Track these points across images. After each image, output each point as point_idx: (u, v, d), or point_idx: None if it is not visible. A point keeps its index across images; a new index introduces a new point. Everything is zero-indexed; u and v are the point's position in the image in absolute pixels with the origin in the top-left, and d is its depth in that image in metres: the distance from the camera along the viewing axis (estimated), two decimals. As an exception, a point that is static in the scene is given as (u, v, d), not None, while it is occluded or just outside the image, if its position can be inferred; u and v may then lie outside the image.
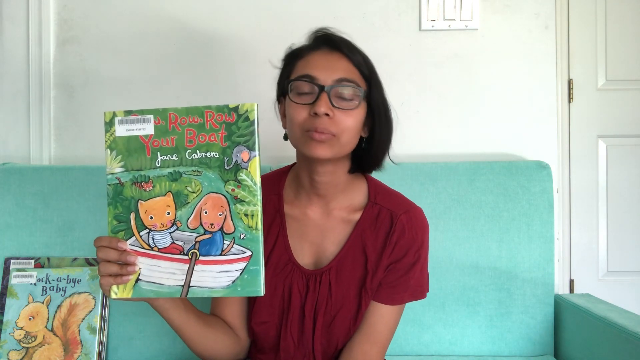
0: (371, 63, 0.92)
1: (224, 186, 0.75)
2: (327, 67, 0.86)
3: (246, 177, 0.74)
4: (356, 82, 0.87)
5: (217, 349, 0.94)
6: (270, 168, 1.34)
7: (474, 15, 1.50)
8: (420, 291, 0.96)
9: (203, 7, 1.53)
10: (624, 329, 1.08)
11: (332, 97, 0.85)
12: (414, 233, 0.94)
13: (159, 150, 0.75)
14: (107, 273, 0.76)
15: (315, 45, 0.91)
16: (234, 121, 0.75)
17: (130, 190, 0.75)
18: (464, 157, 1.50)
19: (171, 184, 0.76)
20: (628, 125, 1.64)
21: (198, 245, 0.75)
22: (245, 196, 0.75)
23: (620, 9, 1.63)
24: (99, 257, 0.76)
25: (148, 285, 0.76)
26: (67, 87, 1.55)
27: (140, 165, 0.76)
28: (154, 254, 0.76)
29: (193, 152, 0.75)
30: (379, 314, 0.93)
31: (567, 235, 1.63)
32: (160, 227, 0.76)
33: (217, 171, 0.75)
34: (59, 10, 1.54)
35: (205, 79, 1.53)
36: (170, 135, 0.75)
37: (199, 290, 0.75)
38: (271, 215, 0.97)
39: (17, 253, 1.31)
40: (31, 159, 1.53)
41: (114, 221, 0.76)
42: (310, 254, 0.95)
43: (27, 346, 1.21)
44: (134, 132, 0.75)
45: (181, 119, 0.75)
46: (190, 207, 0.75)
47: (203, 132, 0.75)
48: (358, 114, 0.87)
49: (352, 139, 0.88)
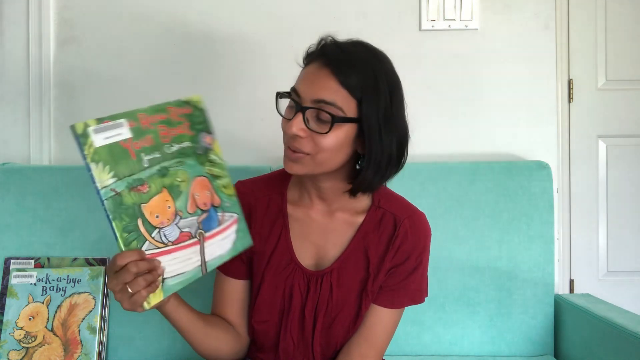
0: (375, 79, 0.82)
1: (203, 169, 0.84)
2: (311, 85, 0.82)
3: (215, 157, 0.86)
4: (336, 104, 0.81)
5: (220, 348, 0.94)
6: (270, 168, 1.34)
7: (474, 15, 1.50)
8: (420, 296, 0.96)
9: (203, 7, 1.53)
10: (624, 329, 1.08)
11: (308, 117, 0.82)
12: (417, 238, 0.93)
13: (142, 152, 0.75)
14: (143, 286, 0.72)
15: (315, 56, 0.86)
16: (191, 112, 0.83)
17: (129, 197, 0.73)
18: (464, 157, 1.50)
19: (162, 179, 0.77)
20: (628, 125, 1.64)
21: (201, 225, 0.82)
22: (219, 172, 0.86)
23: (620, 9, 1.63)
24: (132, 273, 0.71)
25: (173, 279, 0.77)
26: (67, 87, 1.54)
27: (130, 170, 0.73)
28: (170, 248, 0.77)
29: (170, 146, 0.79)
30: (378, 317, 0.93)
31: (567, 235, 1.63)
32: (167, 222, 0.77)
33: (194, 158, 0.82)
34: (59, 10, 1.54)
35: (205, 79, 1.53)
36: (146, 134, 0.76)
37: (213, 262, 0.83)
38: (274, 215, 0.97)
39: (17, 253, 1.31)
40: (31, 159, 1.53)
41: (124, 234, 0.72)
42: (312, 255, 0.95)
43: (27, 346, 1.21)
44: (113, 138, 0.72)
45: (150, 117, 0.77)
46: (184, 195, 0.80)
47: (172, 127, 0.80)
48: (336, 135, 0.82)
49: (331, 157, 0.84)
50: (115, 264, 0.71)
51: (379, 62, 0.85)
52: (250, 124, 1.52)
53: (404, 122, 0.88)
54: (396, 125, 0.85)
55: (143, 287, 0.72)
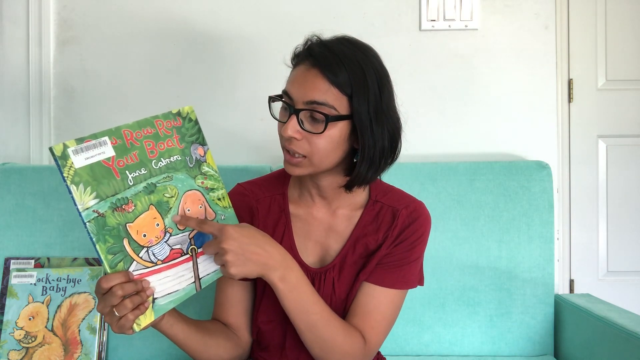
0: (364, 75, 0.83)
1: (194, 182, 0.81)
2: (302, 86, 0.83)
3: (208, 169, 0.84)
4: (328, 104, 0.82)
5: (220, 355, 0.93)
6: (270, 168, 1.34)
7: (474, 15, 1.50)
8: (412, 279, 0.95)
9: (203, 7, 1.53)
10: (624, 329, 1.08)
11: (302, 118, 0.83)
12: (416, 223, 0.94)
13: (126, 169, 0.73)
14: (130, 309, 0.70)
15: (302, 57, 0.87)
16: (181, 124, 0.81)
17: (113, 218, 0.71)
18: (464, 157, 1.50)
19: (149, 197, 0.75)
20: (628, 125, 1.64)
21: (193, 240, 0.80)
22: (213, 184, 0.84)
23: (620, 9, 1.63)
24: (118, 296, 0.69)
25: (164, 299, 0.76)
26: (67, 87, 1.55)
27: (114, 190, 0.72)
28: (159, 267, 0.76)
29: (158, 161, 0.77)
30: (370, 295, 0.92)
31: (567, 235, 1.63)
32: (156, 240, 0.76)
33: (184, 171, 0.80)
34: (59, 10, 1.54)
35: (204, 79, 1.53)
36: (131, 151, 0.74)
37: (208, 277, 0.82)
38: (276, 215, 0.97)
39: (17, 253, 1.31)
40: (31, 159, 1.53)
41: (108, 256, 0.71)
42: (315, 253, 0.96)
43: (27, 346, 1.21)
44: (94, 158, 0.70)
45: (136, 133, 0.75)
46: (173, 211, 0.78)
47: (160, 141, 0.78)
48: (330, 134, 0.83)
49: (326, 157, 0.86)
50: (101, 286, 0.70)
51: (365, 57, 0.86)
52: (250, 124, 1.52)
53: (395, 114, 0.89)
54: (387, 118, 0.86)
55: (130, 310, 0.71)
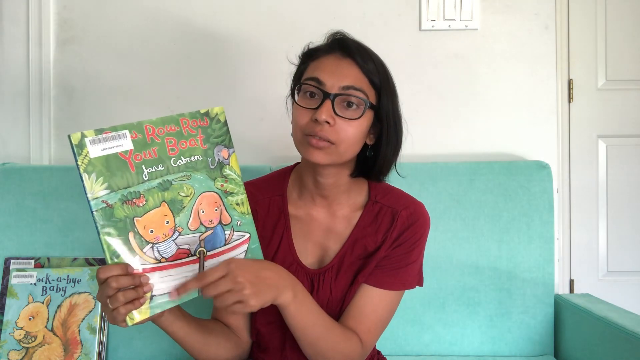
0: (386, 72, 0.90)
1: (213, 184, 0.80)
2: (336, 73, 0.85)
3: (230, 172, 0.82)
4: (363, 90, 0.86)
5: (219, 355, 0.93)
6: (270, 168, 1.34)
7: (474, 15, 1.50)
8: (411, 280, 0.95)
9: (203, 7, 1.53)
10: (624, 329, 1.08)
11: (335, 104, 0.85)
12: (415, 225, 0.94)
13: (143, 164, 0.73)
14: (122, 302, 0.70)
15: (329, 49, 0.90)
16: (208, 125, 0.80)
17: (122, 210, 0.71)
18: (464, 157, 1.50)
19: (163, 193, 0.75)
20: (628, 125, 1.64)
21: (203, 243, 0.79)
22: (233, 188, 0.82)
23: (620, 9, 1.63)
24: (112, 287, 0.69)
25: (163, 297, 0.75)
26: (67, 87, 1.55)
27: (127, 183, 0.72)
28: (163, 265, 0.75)
29: (178, 159, 0.76)
30: (368, 296, 0.92)
31: (567, 235, 1.63)
32: (163, 237, 0.75)
33: (204, 172, 0.79)
34: (59, 10, 1.54)
35: (205, 79, 1.53)
36: (150, 147, 0.74)
37: None
38: (275, 216, 0.97)
39: (17, 253, 1.31)
40: (31, 159, 1.53)
41: (111, 247, 0.71)
42: (314, 254, 0.96)
43: (27, 346, 1.21)
44: (111, 150, 0.71)
45: (158, 129, 0.75)
46: (187, 210, 0.77)
47: (183, 139, 0.77)
48: (360, 123, 0.86)
49: (351, 147, 0.88)
50: (98, 277, 0.71)
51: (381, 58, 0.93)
52: (250, 124, 1.52)
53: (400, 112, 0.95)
54: (400, 115, 0.93)
55: (122, 303, 0.70)
